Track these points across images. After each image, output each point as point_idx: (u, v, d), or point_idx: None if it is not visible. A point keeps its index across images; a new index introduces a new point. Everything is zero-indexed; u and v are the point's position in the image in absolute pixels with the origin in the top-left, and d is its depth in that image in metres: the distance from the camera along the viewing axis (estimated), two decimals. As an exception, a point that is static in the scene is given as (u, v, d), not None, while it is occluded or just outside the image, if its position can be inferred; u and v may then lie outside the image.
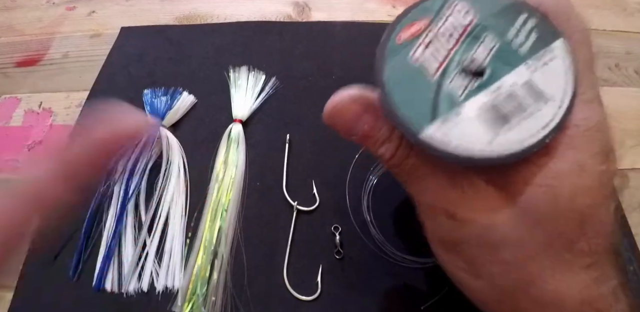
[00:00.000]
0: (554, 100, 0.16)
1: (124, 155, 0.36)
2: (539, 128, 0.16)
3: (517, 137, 0.16)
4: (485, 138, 0.16)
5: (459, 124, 0.16)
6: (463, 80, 0.17)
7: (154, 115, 0.39)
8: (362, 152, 0.38)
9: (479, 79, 0.17)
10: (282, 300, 0.31)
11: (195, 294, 0.30)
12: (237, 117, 0.39)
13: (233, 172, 0.36)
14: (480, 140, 0.16)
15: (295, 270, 0.32)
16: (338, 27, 0.49)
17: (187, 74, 0.44)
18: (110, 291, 0.31)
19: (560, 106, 0.16)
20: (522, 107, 0.16)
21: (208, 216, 0.34)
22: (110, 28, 0.49)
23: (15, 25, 0.51)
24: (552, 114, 0.16)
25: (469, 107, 0.16)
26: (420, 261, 0.33)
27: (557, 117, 0.16)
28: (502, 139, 0.16)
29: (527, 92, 0.16)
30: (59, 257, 0.33)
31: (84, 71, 0.45)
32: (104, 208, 0.34)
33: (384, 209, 0.35)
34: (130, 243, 0.33)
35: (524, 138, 0.16)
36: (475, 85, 0.17)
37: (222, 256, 0.32)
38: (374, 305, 0.31)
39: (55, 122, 0.41)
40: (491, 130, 0.16)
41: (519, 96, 0.16)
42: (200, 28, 0.49)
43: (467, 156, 0.16)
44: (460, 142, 0.16)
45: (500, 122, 0.16)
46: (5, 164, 0.39)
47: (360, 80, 0.44)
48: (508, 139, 0.16)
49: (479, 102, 0.16)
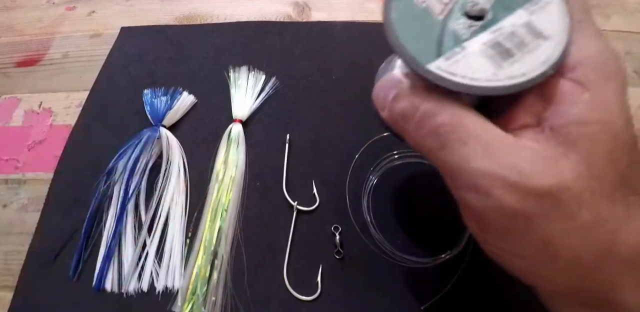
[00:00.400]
0: (552, 38, 0.18)
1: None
2: (540, 62, 0.17)
3: (521, 70, 0.17)
4: (490, 70, 0.17)
5: (464, 58, 0.17)
6: (466, 21, 0.18)
7: (154, 115, 0.39)
8: (362, 152, 0.38)
9: (481, 21, 0.18)
10: (282, 300, 0.31)
11: (195, 294, 0.30)
12: (237, 117, 0.39)
13: (233, 172, 0.36)
14: (485, 72, 0.17)
15: (295, 270, 0.32)
16: (338, 27, 0.49)
17: (187, 74, 0.44)
18: (110, 291, 0.31)
19: (559, 42, 0.17)
20: (524, 44, 0.17)
21: (208, 216, 0.34)
22: (110, 28, 0.49)
23: (15, 25, 0.51)
24: (551, 49, 0.17)
25: (473, 43, 0.18)
26: (420, 261, 0.33)
27: (556, 52, 0.17)
28: (507, 71, 0.17)
29: (527, 31, 0.18)
30: (59, 257, 0.33)
31: (84, 71, 0.45)
32: (104, 208, 0.34)
33: (384, 209, 0.35)
34: (130, 243, 0.33)
35: (528, 71, 0.17)
36: (478, 26, 0.18)
37: (222, 256, 0.32)
38: (374, 305, 0.31)
39: (55, 122, 0.41)
40: (495, 64, 0.17)
41: (520, 34, 0.18)
42: (200, 28, 0.49)
43: (474, 85, 0.17)
44: (466, 74, 0.17)
45: (504, 57, 0.17)
46: (6, 164, 0.39)
47: (360, 80, 0.44)
48: (512, 71, 0.17)
49: (483, 39, 0.18)
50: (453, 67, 0.17)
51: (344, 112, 0.41)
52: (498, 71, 0.17)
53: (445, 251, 0.33)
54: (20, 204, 0.37)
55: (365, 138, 0.39)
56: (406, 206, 0.36)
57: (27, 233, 0.34)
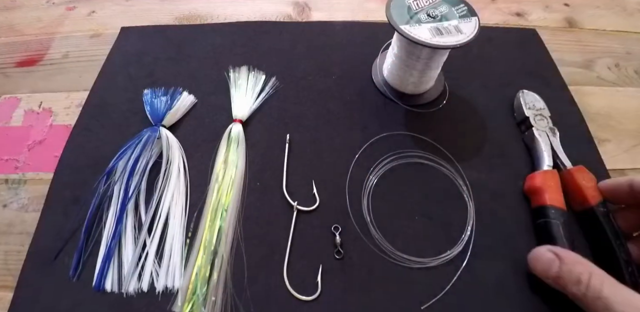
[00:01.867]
0: (465, 34, 0.34)
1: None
2: (454, 41, 0.34)
3: (444, 41, 0.34)
4: (428, 37, 0.34)
5: (418, 29, 0.35)
6: (426, 16, 0.36)
7: (154, 115, 0.39)
8: (362, 152, 0.38)
9: (434, 18, 0.36)
10: (282, 300, 0.31)
11: (195, 294, 0.30)
12: (237, 117, 0.39)
13: (233, 172, 0.36)
14: (427, 38, 0.34)
15: (295, 270, 0.32)
16: (338, 27, 0.49)
17: (187, 74, 0.44)
18: (110, 291, 0.31)
19: (467, 37, 0.34)
20: (450, 32, 0.35)
21: (208, 216, 0.34)
22: (110, 28, 0.49)
23: (15, 25, 0.51)
24: (462, 38, 0.34)
25: (425, 24, 0.35)
26: (420, 261, 0.33)
27: (465, 39, 0.34)
28: (436, 39, 0.34)
29: (454, 28, 0.35)
30: (59, 257, 0.33)
31: (84, 71, 0.45)
32: (104, 208, 0.34)
33: (384, 209, 0.35)
34: (130, 243, 0.33)
35: (445, 42, 0.34)
36: (431, 20, 0.35)
37: (222, 256, 0.32)
38: (374, 305, 0.31)
39: (55, 122, 0.41)
40: (433, 36, 0.34)
41: (451, 28, 0.35)
42: (200, 28, 0.49)
43: (420, 41, 0.34)
44: (418, 36, 0.34)
45: (437, 34, 0.34)
46: (6, 164, 0.39)
47: (360, 80, 0.45)
48: (439, 41, 0.34)
49: (431, 25, 0.35)
50: (412, 31, 0.34)
51: (344, 112, 0.41)
52: (432, 38, 0.34)
53: (445, 251, 0.33)
54: (20, 204, 0.37)
55: (365, 138, 0.39)
56: (406, 206, 0.36)
57: (27, 233, 0.34)
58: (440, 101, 0.42)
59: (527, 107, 0.40)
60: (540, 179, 0.35)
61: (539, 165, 0.37)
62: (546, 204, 0.33)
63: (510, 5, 0.54)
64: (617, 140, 0.41)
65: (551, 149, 0.37)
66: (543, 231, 0.33)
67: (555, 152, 0.37)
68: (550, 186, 0.34)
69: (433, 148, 0.39)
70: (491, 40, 0.48)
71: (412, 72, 0.39)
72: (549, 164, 0.36)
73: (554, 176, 0.35)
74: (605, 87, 0.46)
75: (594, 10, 0.54)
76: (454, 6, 0.37)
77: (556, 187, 0.34)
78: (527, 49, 0.48)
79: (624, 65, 0.48)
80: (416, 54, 0.37)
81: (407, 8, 0.36)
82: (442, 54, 0.38)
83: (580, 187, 0.34)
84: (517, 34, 0.50)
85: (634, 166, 0.40)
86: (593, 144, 0.40)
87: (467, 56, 0.46)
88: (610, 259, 0.31)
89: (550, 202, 0.33)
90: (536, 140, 0.38)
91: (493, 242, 0.34)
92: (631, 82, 0.47)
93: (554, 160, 0.37)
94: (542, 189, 0.34)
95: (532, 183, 0.35)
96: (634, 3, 0.55)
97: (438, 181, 0.37)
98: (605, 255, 0.32)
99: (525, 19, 0.52)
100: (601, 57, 0.49)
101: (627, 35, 0.51)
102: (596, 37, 0.51)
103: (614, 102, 0.45)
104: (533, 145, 0.38)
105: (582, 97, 0.44)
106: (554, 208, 0.33)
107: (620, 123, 0.43)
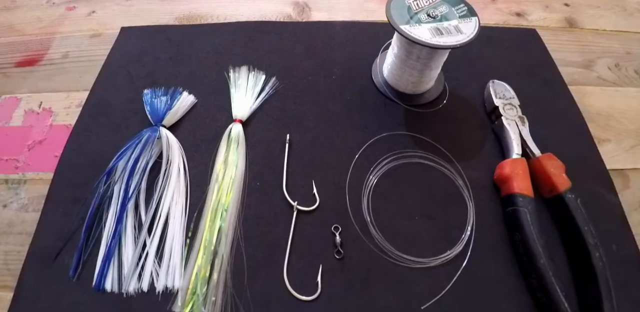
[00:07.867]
0: (465, 34, 0.34)
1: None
2: (454, 41, 0.34)
3: (444, 41, 0.34)
4: (428, 37, 0.34)
5: (418, 29, 0.35)
6: (426, 16, 0.36)
7: (154, 115, 0.39)
8: (362, 152, 0.38)
9: (434, 18, 0.36)
10: (282, 300, 0.31)
11: (195, 294, 0.30)
12: (237, 117, 0.39)
13: (233, 172, 0.36)
14: (426, 38, 0.34)
15: (295, 270, 0.32)
16: (338, 27, 0.49)
17: (187, 74, 0.44)
18: (110, 291, 0.31)
19: (467, 37, 0.34)
20: (450, 32, 0.35)
21: (208, 216, 0.34)
22: (110, 28, 0.49)
23: (15, 25, 0.51)
24: (463, 38, 0.34)
25: (425, 24, 0.35)
26: (420, 261, 0.33)
27: (465, 39, 0.34)
28: (436, 39, 0.34)
29: (454, 28, 0.35)
30: (59, 257, 0.33)
31: (84, 71, 0.45)
32: (104, 208, 0.34)
33: (384, 209, 0.35)
34: (130, 243, 0.33)
35: (446, 42, 0.34)
36: (431, 20, 0.35)
37: (222, 256, 0.32)
38: (374, 305, 0.31)
39: (55, 122, 0.41)
40: (433, 36, 0.34)
41: (451, 28, 0.35)
42: (200, 28, 0.49)
43: (420, 41, 0.34)
44: (418, 36, 0.34)
45: (438, 34, 0.34)
46: (6, 164, 0.39)
47: (360, 80, 0.45)
48: (439, 41, 0.34)
49: (431, 25, 0.35)
50: (412, 31, 0.34)
51: (344, 112, 0.41)
52: (432, 39, 0.34)
53: (445, 251, 0.33)
54: (20, 204, 0.37)
55: (365, 138, 0.39)
56: (406, 206, 0.36)
57: (27, 233, 0.34)
58: (440, 101, 0.42)
59: (497, 96, 0.40)
60: (508, 168, 0.35)
61: (508, 153, 0.37)
62: (514, 192, 0.34)
63: (510, 5, 0.54)
64: (617, 140, 0.41)
65: (520, 137, 0.37)
66: (512, 219, 0.33)
67: (524, 141, 0.37)
68: (517, 174, 0.35)
69: (433, 148, 0.39)
70: (491, 40, 0.48)
71: (412, 72, 0.39)
72: (518, 153, 0.36)
73: (522, 163, 0.35)
74: (605, 87, 0.46)
75: (594, 10, 0.54)
76: (454, 6, 0.36)
77: (524, 175, 0.35)
78: (527, 49, 0.48)
79: (624, 65, 0.48)
80: (416, 54, 0.37)
81: (407, 8, 0.36)
82: (442, 54, 0.38)
83: (548, 175, 0.34)
84: (517, 34, 0.50)
85: (634, 166, 0.40)
86: (593, 144, 0.40)
87: (467, 56, 0.46)
88: (578, 244, 0.32)
89: (518, 190, 0.33)
90: (505, 129, 0.38)
91: (493, 242, 0.34)
92: (631, 82, 0.47)
93: (523, 148, 0.37)
94: (510, 177, 0.34)
95: (501, 172, 0.36)
96: (634, 3, 0.55)
97: (438, 181, 0.37)
98: (574, 240, 0.33)
99: (525, 19, 0.52)
100: (601, 57, 0.49)
101: (627, 35, 0.51)
102: (596, 37, 0.51)
103: (614, 102, 0.45)
104: (502, 134, 0.39)
105: (582, 97, 0.44)
106: (522, 196, 0.33)
107: (620, 123, 0.43)
